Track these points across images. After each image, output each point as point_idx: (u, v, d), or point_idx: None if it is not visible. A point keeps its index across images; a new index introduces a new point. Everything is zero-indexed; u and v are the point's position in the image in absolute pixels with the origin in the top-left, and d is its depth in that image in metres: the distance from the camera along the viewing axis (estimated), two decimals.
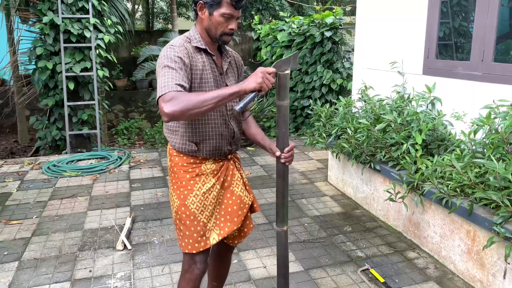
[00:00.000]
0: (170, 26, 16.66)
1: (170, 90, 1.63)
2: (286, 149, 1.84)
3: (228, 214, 1.97)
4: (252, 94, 1.67)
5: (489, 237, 2.43)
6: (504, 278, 2.43)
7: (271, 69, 1.67)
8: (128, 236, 3.38)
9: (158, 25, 17.46)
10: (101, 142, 6.22)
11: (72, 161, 5.38)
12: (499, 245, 2.45)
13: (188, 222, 1.90)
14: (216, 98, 1.63)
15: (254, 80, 1.64)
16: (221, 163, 1.98)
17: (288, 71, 1.65)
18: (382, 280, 2.77)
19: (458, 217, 2.75)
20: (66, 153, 5.92)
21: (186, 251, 1.93)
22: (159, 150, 6.07)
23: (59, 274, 2.88)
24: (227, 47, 1.99)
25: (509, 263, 2.38)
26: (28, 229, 3.54)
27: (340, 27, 6.36)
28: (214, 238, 1.93)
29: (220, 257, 2.25)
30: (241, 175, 2.07)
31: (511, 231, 2.29)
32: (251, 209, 2.13)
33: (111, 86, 6.66)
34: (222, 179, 1.97)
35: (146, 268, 2.95)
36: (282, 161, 1.86)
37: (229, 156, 2.03)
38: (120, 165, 5.25)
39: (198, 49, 1.85)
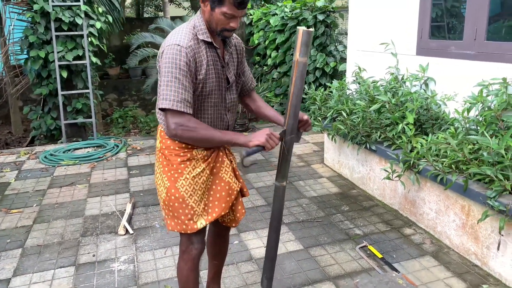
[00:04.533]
0: (160, 13, 16.50)
1: (180, 110, 1.70)
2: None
3: (216, 200, 2.00)
4: (256, 148, 1.78)
5: (483, 211, 2.50)
6: (498, 249, 2.52)
7: (277, 134, 1.77)
8: (129, 221, 3.43)
9: (146, 14, 17.24)
10: (96, 131, 6.22)
11: (69, 150, 5.39)
12: (493, 218, 2.53)
13: (176, 204, 1.91)
14: (220, 142, 1.80)
15: (258, 138, 1.74)
16: (211, 149, 1.99)
17: (312, 30, 1.70)
18: (380, 256, 2.85)
19: (453, 193, 2.82)
20: (62, 142, 5.91)
21: (176, 231, 1.96)
22: (156, 138, 6.08)
23: (63, 259, 2.93)
24: None
25: (502, 235, 2.47)
26: (29, 217, 3.57)
27: (332, 10, 6.35)
28: (201, 223, 1.95)
29: (218, 236, 2.29)
30: (230, 161, 2.08)
31: (504, 204, 2.36)
32: (242, 194, 2.16)
33: (98, 78, 6.60)
34: (212, 165, 1.98)
35: (148, 251, 3.00)
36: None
37: None
38: (117, 152, 5.26)
39: (203, 42, 1.81)
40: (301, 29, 1.66)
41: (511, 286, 2.49)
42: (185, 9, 15.16)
